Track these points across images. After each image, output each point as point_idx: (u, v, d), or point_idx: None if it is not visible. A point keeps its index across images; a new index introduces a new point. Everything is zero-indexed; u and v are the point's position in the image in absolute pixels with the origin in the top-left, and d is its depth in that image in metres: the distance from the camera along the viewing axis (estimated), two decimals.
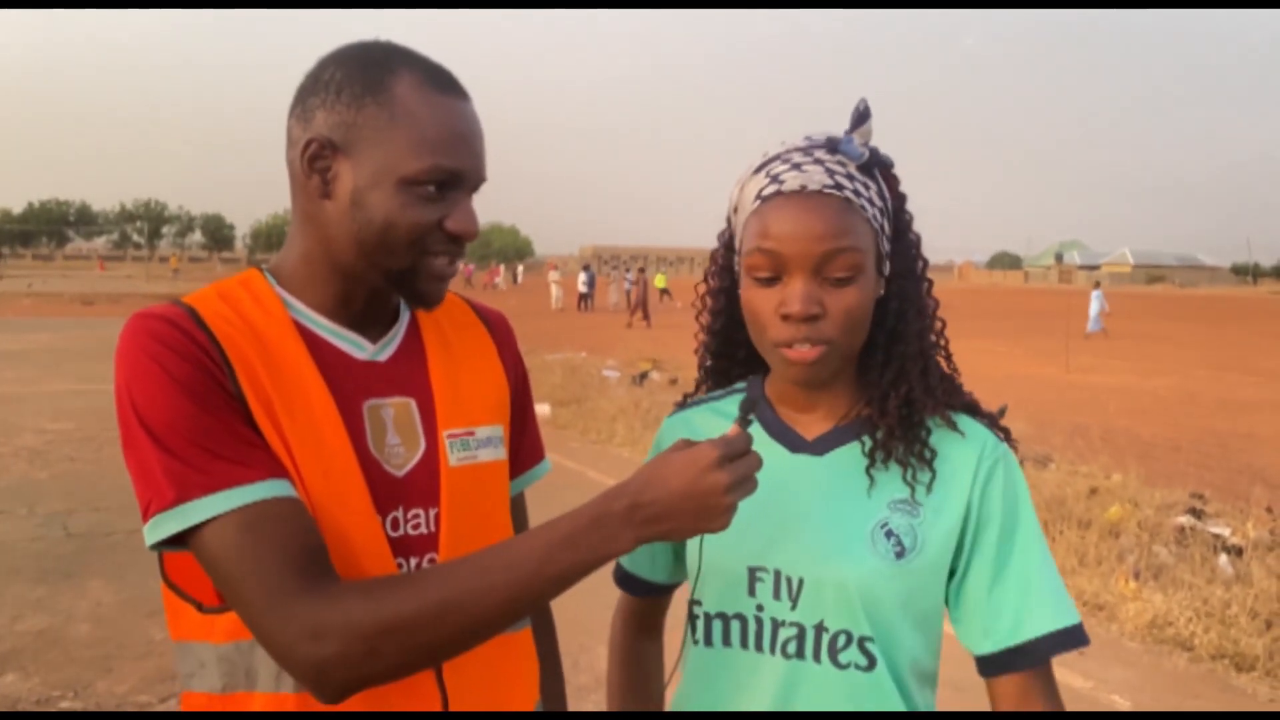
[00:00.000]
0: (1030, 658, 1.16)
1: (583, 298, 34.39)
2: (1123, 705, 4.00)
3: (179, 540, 1.01)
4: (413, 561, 1.14)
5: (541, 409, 10.69)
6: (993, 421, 1.26)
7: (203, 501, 0.99)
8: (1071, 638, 1.17)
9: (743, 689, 1.22)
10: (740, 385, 1.36)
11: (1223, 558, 5.41)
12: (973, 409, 1.26)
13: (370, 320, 1.20)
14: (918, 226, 1.26)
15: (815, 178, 1.14)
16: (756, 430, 1.27)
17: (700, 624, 1.26)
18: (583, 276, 35.43)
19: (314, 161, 1.10)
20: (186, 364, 1.02)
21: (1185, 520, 6.06)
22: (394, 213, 1.09)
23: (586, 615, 4.89)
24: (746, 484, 1.02)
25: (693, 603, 1.28)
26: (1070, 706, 3.81)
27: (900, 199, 1.23)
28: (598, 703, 3.92)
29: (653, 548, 1.40)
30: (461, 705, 1.15)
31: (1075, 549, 5.58)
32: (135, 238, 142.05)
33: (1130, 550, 5.60)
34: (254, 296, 1.14)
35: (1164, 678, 4.27)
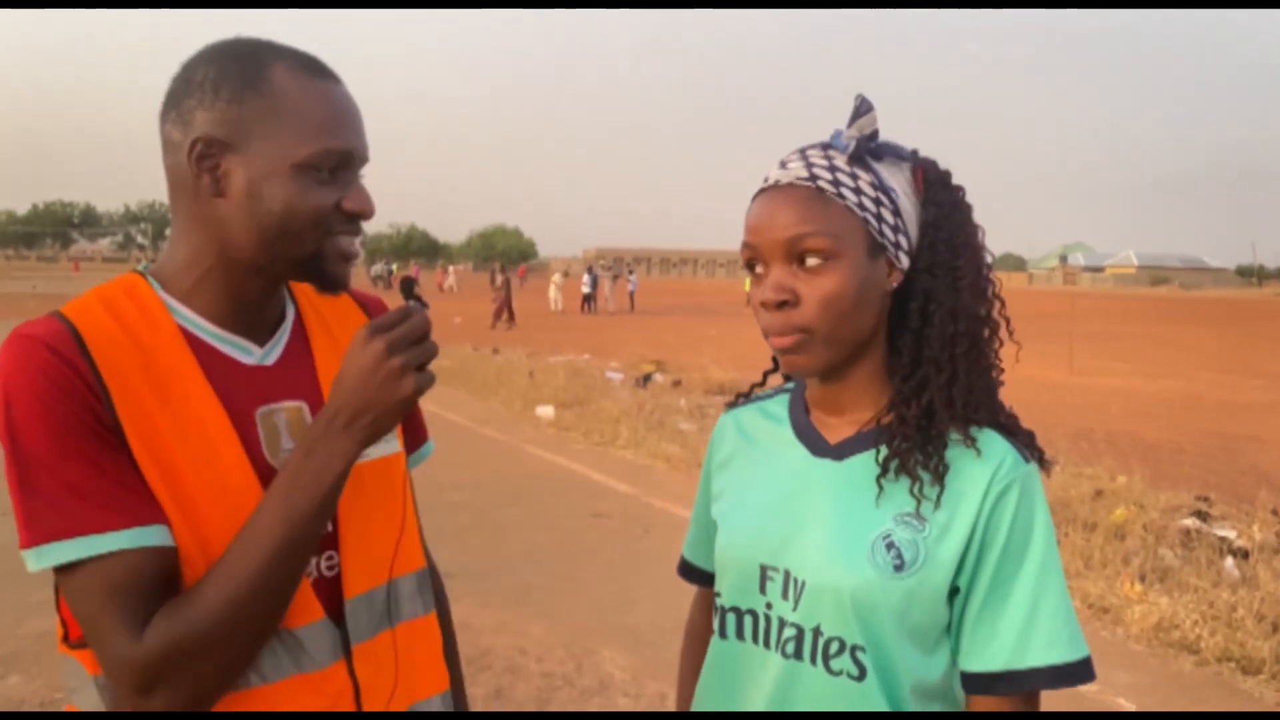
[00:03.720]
0: (1013, 686, 1.15)
1: (586, 299, 34.41)
2: (1127, 709, 3.98)
3: None
4: (312, 560, 1.15)
5: (545, 411, 10.70)
6: (1028, 442, 1.22)
7: (55, 547, 1.00)
8: (1068, 674, 1.14)
9: (748, 683, 1.25)
10: (788, 385, 1.39)
11: (1229, 560, 5.39)
12: (1005, 426, 1.22)
13: (258, 323, 1.20)
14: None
15: (792, 172, 1.19)
16: (785, 432, 1.31)
17: (718, 616, 1.30)
18: (586, 278, 35.46)
19: (202, 161, 1.11)
20: (65, 399, 1.01)
21: (1191, 523, 6.04)
22: (293, 199, 1.10)
23: (590, 621, 4.91)
24: (410, 347, 1.05)
25: (714, 595, 1.32)
26: (1074, 709, 3.80)
27: (935, 194, 1.23)
28: (602, 705, 3.92)
29: (709, 540, 1.41)
30: (373, 695, 1.18)
31: (1080, 552, 5.56)
32: (140, 239, 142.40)
33: (1136, 553, 5.57)
34: (139, 307, 1.12)
35: (1170, 681, 4.26)
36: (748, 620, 1.25)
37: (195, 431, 1.08)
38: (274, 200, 1.10)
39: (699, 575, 1.48)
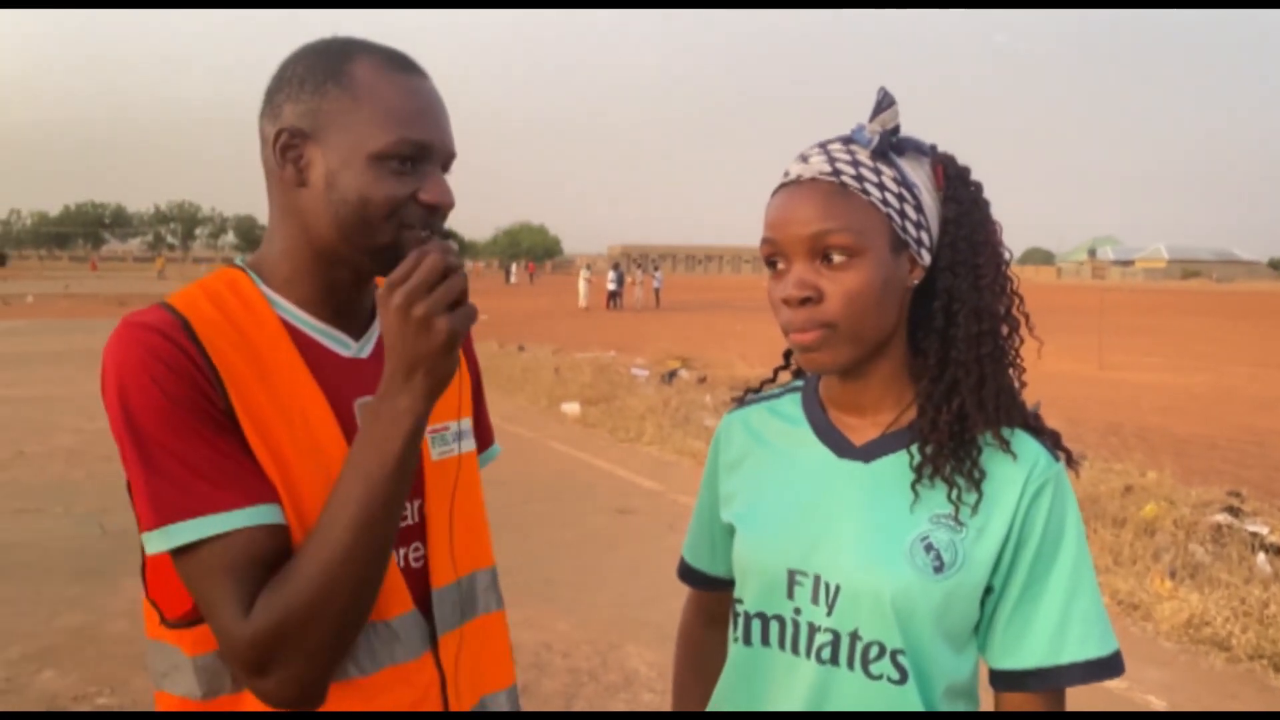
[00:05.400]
0: (1048, 682, 1.15)
1: (612, 295, 34.44)
2: (1158, 706, 3.94)
3: None
4: (400, 552, 1.18)
5: (571, 407, 10.72)
6: (1055, 442, 1.21)
7: (182, 526, 1.02)
8: (1101, 668, 1.14)
9: (777, 690, 1.22)
10: (797, 383, 1.37)
11: (1261, 556, 5.33)
12: (1033, 427, 1.21)
13: (352, 316, 1.22)
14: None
15: (814, 167, 1.17)
16: (803, 432, 1.29)
17: (740, 622, 1.27)
18: (611, 275, 35.50)
19: (286, 151, 1.14)
20: (180, 381, 1.03)
21: (1222, 518, 5.97)
22: (367, 188, 1.11)
23: (616, 617, 4.92)
24: (430, 291, 1.01)
25: (735, 600, 1.29)
26: (1104, 707, 3.78)
27: (955, 190, 1.21)
28: (627, 701, 3.93)
29: (713, 542, 1.40)
30: (458, 685, 1.21)
31: (1110, 548, 5.51)
32: (169, 239, 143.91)
33: (1166, 549, 5.53)
34: (241, 299, 1.15)
35: (1200, 678, 4.22)
36: (774, 626, 1.22)
37: (299, 420, 1.10)
38: (349, 189, 1.11)
39: (700, 578, 1.45)
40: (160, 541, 1.02)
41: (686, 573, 1.47)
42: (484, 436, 1.44)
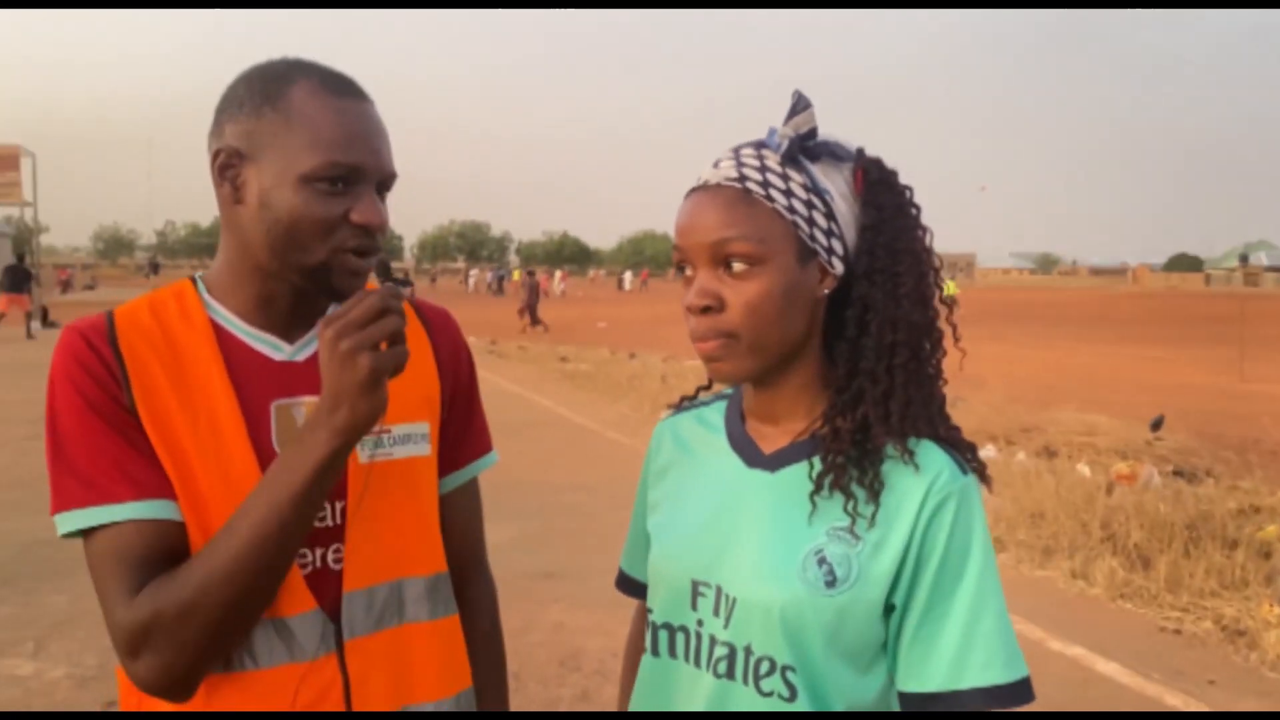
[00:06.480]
0: (948, 706, 1.08)
1: None
2: None
3: None
4: (318, 552, 1.20)
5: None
6: (972, 453, 1.17)
7: (72, 515, 1.10)
8: (1006, 695, 1.08)
9: (680, 702, 1.20)
10: (728, 391, 1.34)
11: None
12: (945, 438, 1.16)
13: (291, 322, 1.25)
14: (913, 228, 1.18)
15: (721, 172, 1.15)
16: (720, 441, 1.27)
17: (650, 632, 1.25)
18: None
19: (224, 170, 1.19)
20: (90, 382, 1.12)
21: None
22: (298, 208, 1.15)
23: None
24: (359, 329, 1.05)
25: (647, 610, 1.28)
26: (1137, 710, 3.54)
27: (876, 195, 1.16)
28: None
29: (646, 551, 1.37)
30: (364, 691, 1.20)
31: (1216, 570, 5.18)
32: None
33: None
34: (181, 306, 1.22)
35: None
36: (679, 638, 1.21)
37: (205, 419, 1.15)
38: (281, 209, 1.16)
39: (636, 588, 1.43)
40: (58, 527, 1.11)
41: (623, 581, 1.46)
42: (473, 445, 1.44)
